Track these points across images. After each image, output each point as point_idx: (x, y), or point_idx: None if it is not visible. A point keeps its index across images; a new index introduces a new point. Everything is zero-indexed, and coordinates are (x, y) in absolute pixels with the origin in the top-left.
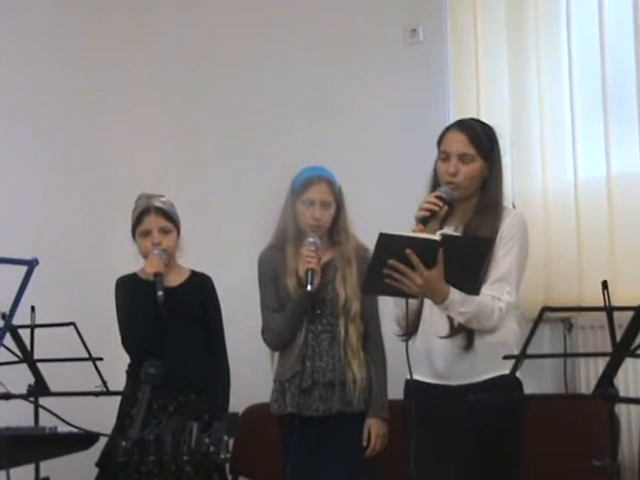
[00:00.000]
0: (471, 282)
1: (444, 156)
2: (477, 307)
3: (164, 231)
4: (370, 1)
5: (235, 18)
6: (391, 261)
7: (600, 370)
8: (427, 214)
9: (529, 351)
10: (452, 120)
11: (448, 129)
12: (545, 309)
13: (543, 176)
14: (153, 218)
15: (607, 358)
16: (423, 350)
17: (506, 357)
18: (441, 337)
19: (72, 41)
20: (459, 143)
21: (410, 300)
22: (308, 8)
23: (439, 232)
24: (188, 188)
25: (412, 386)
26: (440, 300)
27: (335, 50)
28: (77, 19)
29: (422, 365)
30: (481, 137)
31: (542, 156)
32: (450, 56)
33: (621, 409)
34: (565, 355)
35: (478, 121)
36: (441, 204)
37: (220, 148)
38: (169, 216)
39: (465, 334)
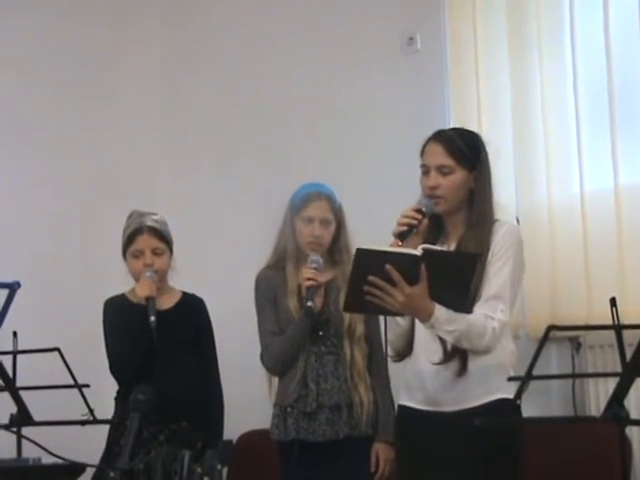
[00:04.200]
0: (460, 299)
1: (424, 170)
2: (467, 325)
3: (156, 252)
4: (365, 9)
5: (229, 28)
6: (371, 277)
7: (610, 391)
8: (404, 229)
9: (535, 372)
10: None
11: (427, 141)
12: (551, 328)
13: (548, 189)
14: (146, 238)
15: (617, 378)
16: (415, 374)
17: (511, 379)
18: (434, 364)
19: (59, 56)
20: (436, 155)
21: (400, 320)
22: (303, 18)
23: (421, 246)
24: (181, 205)
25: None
26: (425, 318)
27: (330, 61)
28: (65, 35)
29: (414, 391)
30: (460, 147)
31: (547, 168)
32: (449, 65)
33: (633, 432)
34: (573, 376)
35: (460, 130)
36: (419, 217)
37: (214, 164)
38: (162, 236)
39: (459, 358)
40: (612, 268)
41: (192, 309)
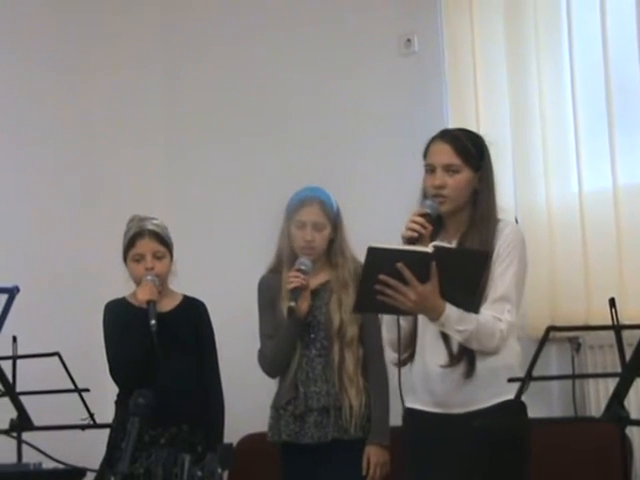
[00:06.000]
0: (469, 298)
1: (429, 169)
2: (477, 326)
3: (157, 256)
4: (362, 10)
5: (226, 27)
6: (382, 276)
7: (610, 391)
8: (415, 235)
9: (535, 373)
10: None
11: (432, 140)
12: (551, 329)
13: (547, 189)
14: (146, 242)
15: (617, 379)
16: (422, 377)
17: (511, 380)
18: (442, 366)
19: (55, 52)
20: (443, 154)
21: (402, 323)
22: (300, 18)
23: (432, 244)
24: (181, 209)
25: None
26: (436, 316)
27: (327, 62)
28: (64, 31)
29: (421, 393)
30: (467, 146)
31: (545, 168)
32: (447, 66)
33: (633, 432)
34: (573, 376)
35: (465, 130)
36: (428, 226)
37: (214, 166)
38: (163, 240)
39: (466, 360)
40: (611, 268)
41: (193, 312)
